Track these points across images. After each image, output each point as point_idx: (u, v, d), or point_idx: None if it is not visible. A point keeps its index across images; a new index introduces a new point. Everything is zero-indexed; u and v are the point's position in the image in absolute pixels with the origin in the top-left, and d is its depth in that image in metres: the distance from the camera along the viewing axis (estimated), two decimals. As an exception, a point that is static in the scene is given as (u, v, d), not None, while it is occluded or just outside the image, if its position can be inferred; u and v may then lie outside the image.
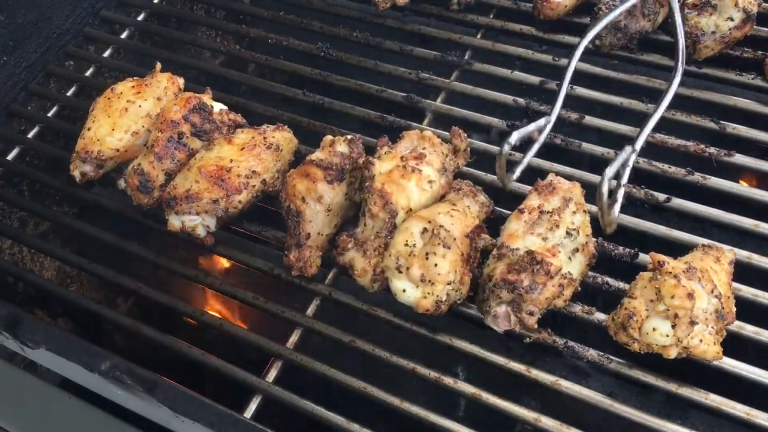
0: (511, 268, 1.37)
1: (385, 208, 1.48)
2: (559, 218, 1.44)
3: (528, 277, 1.35)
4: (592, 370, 1.64)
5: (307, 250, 1.53)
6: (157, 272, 1.67)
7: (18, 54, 2.07)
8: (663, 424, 1.33)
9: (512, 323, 1.38)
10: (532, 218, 1.45)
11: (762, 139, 1.72)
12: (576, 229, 1.44)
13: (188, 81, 1.92)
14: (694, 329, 1.28)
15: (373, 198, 1.49)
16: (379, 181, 1.51)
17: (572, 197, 1.50)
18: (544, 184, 1.53)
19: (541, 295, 1.36)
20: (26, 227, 2.13)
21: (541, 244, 1.41)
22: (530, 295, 1.35)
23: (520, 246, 1.41)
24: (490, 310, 1.40)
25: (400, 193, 1.51)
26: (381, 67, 2.00)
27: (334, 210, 1.57)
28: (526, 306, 1.36)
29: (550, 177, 1.56)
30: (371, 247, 1.49)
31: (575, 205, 1.48)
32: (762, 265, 1.51)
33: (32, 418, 1.58)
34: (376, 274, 1.48)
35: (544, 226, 1.44)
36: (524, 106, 1.84)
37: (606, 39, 1.87)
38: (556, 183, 1.53)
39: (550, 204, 1.48)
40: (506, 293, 1.37)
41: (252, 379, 1.45)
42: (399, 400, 1.40)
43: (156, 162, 1.66)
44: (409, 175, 1.53)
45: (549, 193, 1.50)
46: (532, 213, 1.46)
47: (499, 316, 1.39)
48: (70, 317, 2.26)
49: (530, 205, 1.48)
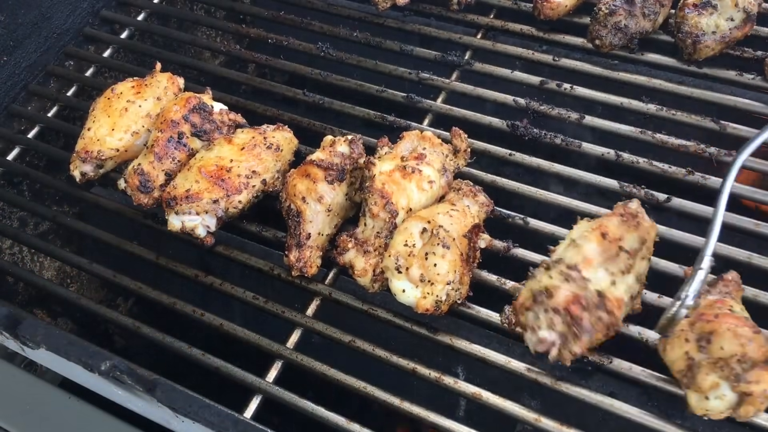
0: (577, 300, 1.27)
1: (385, 208, 1.48)
2: (633, 263, 1.35)
3: (591, 318, 1.27)
4: (592, 370, 1.64)
5: (307, 250, 1.53)
6: (157, 272, 1.67)
7: (18, 54, 2.07)
8: (663, 424, 1.32)
9: (552, 354, 1.31)
10: (611, 251, 1.34)
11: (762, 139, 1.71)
12: (641, 280, 1.38)
13: (188, 81, 1.92)
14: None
15: (374, 198, 1.49)
16: (379, 181, 1.51)
17: (647, 239, 1.40)
18: (630, 213, 1.41)
19: (590, 339, 1.29)
20: (26, 227, 2.14)
21: (611, 287, 1.31)
22: (583, 338, 1.27)
23: (592, 278, 1.31)
24: (536, 330, 1.31)
25: (401, 193, 1.51)
26: (381, 67, 2.00)
27: (334, 210, 1.57)
28: (574, 346, 1.28)
29: (635, 205, 1.43)
30: (371, 247, 1.49)
31: (647, 249, 1.40)
32: (762, 265, 1.51)
33: (32, 418, 1.58)
34: (376, 274, 1.48)
35: (618, 267, 1.33)
36: (524, 106, 1.84)
37: (606, 39, 1.87)
38: (641, 218, 1.41)
39: (629, 241, 1.37)
40: (561, 323, 1.28)
41: (252, 379, 1.45)
42: (399, 400, 1.40)
43: (156, 162, 1.66)
44: (409, 175, 1.53)
45: (633, 227, 1.39)
46: (611, 244, 1.35)
47: (545, 342, 1.31)
48: (70, 317, 2.27)
49: (613, 234, 1.36)
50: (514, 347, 1.55)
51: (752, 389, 1.18)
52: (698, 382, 1.23)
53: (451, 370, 1.81)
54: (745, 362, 1.19)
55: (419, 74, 1.95)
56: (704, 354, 1.23)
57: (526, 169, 1.74)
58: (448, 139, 1.70)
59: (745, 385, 1.19)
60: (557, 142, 1.75)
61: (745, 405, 1.20)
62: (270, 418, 1.43)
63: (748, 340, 1.20)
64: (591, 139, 1.77)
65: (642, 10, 1.85)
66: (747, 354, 1.19)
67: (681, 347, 1.27)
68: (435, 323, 1.48)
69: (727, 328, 1.21)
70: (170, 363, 1.54)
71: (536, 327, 1.31)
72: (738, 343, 1.20)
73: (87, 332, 2.28)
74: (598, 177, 1.69)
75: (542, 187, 1.68)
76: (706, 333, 1.23)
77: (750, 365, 1.19)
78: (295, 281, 1.58)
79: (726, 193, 1.44)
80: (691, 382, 1.24)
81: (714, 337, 1.22)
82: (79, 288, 2.34)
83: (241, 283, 1.62)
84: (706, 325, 1.24)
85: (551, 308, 1.28)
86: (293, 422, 1.45)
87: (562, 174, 1.70)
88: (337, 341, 1.50)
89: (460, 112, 1.85)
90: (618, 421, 1.35)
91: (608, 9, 1.85)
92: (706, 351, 1.23)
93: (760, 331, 1.22)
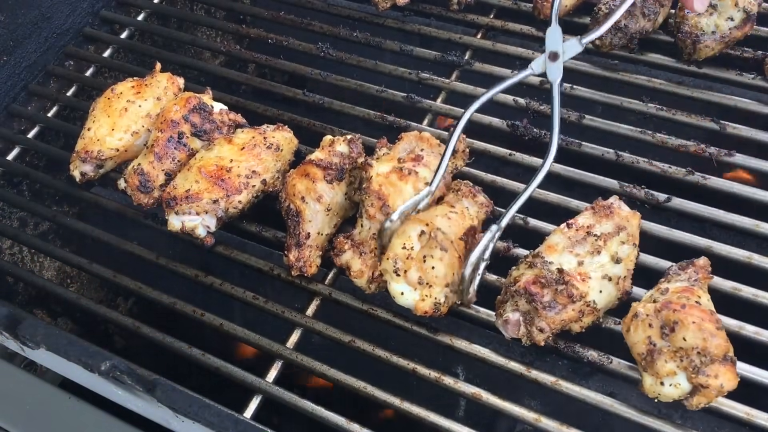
0: (536, 280, 1.34)
1: (381, 210, 1.48)
2: (603, 244, 1.40)
3: (550, 294, 1.33)
4: (592, 370, 1.64)
5: (306, 250, 1.53)
6: (157, 272, 1.67)
7: (18, 54, 2.07)
8: (663, 425, 1.32)
9: (520, 333, 1.37)
10: (577, 236, 1.41)
11: (762, 139, 1.72)
12: (618, 260, 1.40)
13: (188, 81, 1.92)
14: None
15: (370, 199, 1.49)
16: (376, 182, 1.51)
17: (627, 227, 1.44)
18: (602, 206, 1.47)
19: (557, 316, 1.34)
20: (26, 227, 2.14)
21: (576, 266, 1.38)
22: (546, 312, 1.33)
23: (555, 261, 1.38)
24: (503, 314, 1.39)
25: (397, 195, 1.51)
26: (381, 67, 2.00)
27: (333, 209, 1.57)
28: (538, 321, 1.34)
29: (612, 199, 1.50)
30: (368, 248, 1.49)
31: (627, 235, 1.43)
32: (762, 265, 1.51)
33: (32, 418, 1.58)
34: (373, 275, 1.48)
35: (585, 248, 1.40)
36: (524, 106, 1.84)
37: (606, 39, 1.87)
38: (615, 208, 1.47)
39: (601, 227, 1.43)
40: (524, 302, 1.35)
41: (252, 379, 1.45)
42: (399, 400, 1.40)
43: (156, 162, 1.66)
44: (405, 177, 1.53)
45: (605, 216, 1.45)
46: (578, 231, 1.42)
47: (510, 322, 1.38)
48: (70, 317, 2.27)
49: (580, 223, 1.44)
50: (514, 347, 1.55)
51: (709, 383, 1.22)
52: (656, 367, 1.27)
53: (451, 370, 1.81)
54: (705, 356, 1.22)
55: (419, 74, 1.95)
56: (666, 341, 1.27)
57: (526, 169, 1.74)
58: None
59: (702, 378, 1.22)
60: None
61: (699, 396, 1.24)
62: (270, 418, 1.43)
63: (711, 335, 1.23)
64: (591, 139, 1.77)
65: (642, 10, 1.85)
66: (708, 348, 1.22)
67: (644, 331, 1.30)
68: (435, 323, 1.48)
69: (693, 320, 1.24)
70: (170, 363, 1.54)
71: (503, 312, 1.38)
72: (701, 337, 1.23)
73: (87, 332, 2.28)
74: (598, 177, 1.69)
75: (542, 187, 1.68)
76: (671, 322, 1.26)
77: (709, 360, 1.22)
78: (295, 281, 1.58)
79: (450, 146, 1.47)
80: (649, 366, 1.28)
81: (678, 327, 1.25)
82: (79, 288, 2.34)
83: (241, 283, 1.62)
84: (672, 315, 1.27)
85: (515, 292, 1.36)
86: (293, 422, 1.45)
87: (562, 174, 1.70)
88: (337, 341, 1.50)
89: (460, 111, 1.85)
90: (618, 421, 1.35)
91: (608, 9, 1.85)
92: (668, 339, 1.26)
93: (723, 328, 1.25)
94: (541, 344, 1.37)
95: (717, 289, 1.48)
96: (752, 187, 1.64)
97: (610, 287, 1.39)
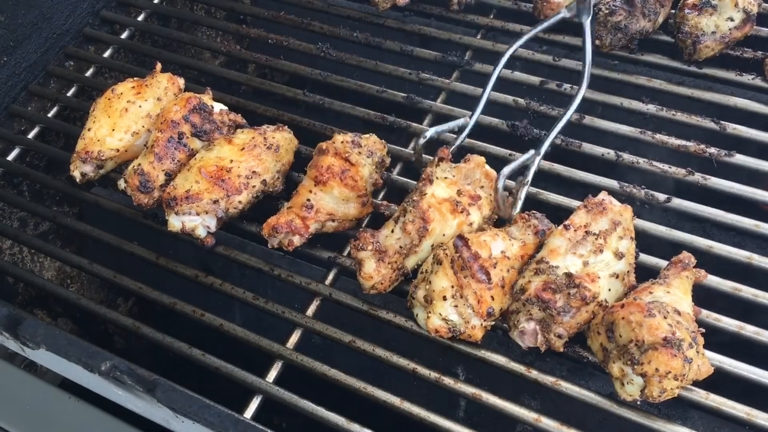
0: (547, 286, 1.34)
1: (419, 231, 1.46)
2: (604, 242, 1.40)
3: (563, 298, 1.32)
4: (592, 370, 1.64)
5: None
6: (157, 272, 1.67)
7: (18, 54, 2.07)
8: (663, 424, 1.33)
9: (538, 342, 1.36)
10: (577, 237, 1.41)
11: (762, 139, 1.72)
12: (620, 255, 1.40)
13: (188, 81, 1.92)
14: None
15: (413, 216, 1.47)
16: (426, 203, 1.48)
17: (621, 221, 1.44)
18: (594, 202, 1.47)
19: (573, 319, 1.33)
20: (26, 227, 2.14)
21: (581, 267, 1.37)
22: (561, 318, 1.32)
23: (561, 264, 1.37)
24: (518, 325, 1.37)
25: (439, 224, 1.48)
26: (381, 67, 2.00)
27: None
28: (555, 328, 1.33)
29: (602, 195, 1.50)
30: (388, 258, 1.47)
31: (623, 230, 1.43)
32: (762, 265, 1.51)
33: (32, 418, 1.58)
34: (379, 283, 1.47)
35: (587, 248, 1.39)
36: (524, 106, 1.84)
37: (606, 39, 1.87)
38: (606, 203, 1.47)
39: (598, 225, 1.43)
40: (538, 311, 1.34)
41: (252, 379, 1.45)
42: (399, 400, 1.40)
43: (156, 162, 1.66)
44: (457, 213, 1.49)
45: (598, 212, 1.45)
46: (577, 231, 1.42)
47: (527, 333, 1.37)
48: (70, 317, 2.27)
49: (577, 223, 1.43)
50: (514, 347, 1.55)
51: (645, 370, 1.23)
52: (613, 370, 1.29)
53: (451, 370, 1.81)
54: (640, 346, 1.24)
55: (419, 74, 1.95)
56: (613, 343, 1.29)
57: (526, 169, 1.74)
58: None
59: (639, 367, 1.24)
60: (557, 142, 1.75)
61: (648, 386, 1.25)
62: (270, 418, 1.43)
63: (638, 325, 1.24)
64: (591, 139, 1.77)
65: (642, 10, 1.85)
66: (639, 338, 1.24)
67: (597, 339, 1.33)
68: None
69: (622, 316, 1.27)
70: (170, 363, 1.54)
71: (517, 323, 1.37)
72: (630, 329, 1.25)
73: (87, 332, 2.28)
74: (598, 177, 1.69)
75: (542, 187, 1.68)
76: (610, 323, 1.29)
77: (646, 348, 1.23)
78: (296, 281, 1.58)
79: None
80: (609, 370, 1.31)
81: (615, 326, 1.28)
82: (79, 288, 2.34)
83: (241, 283, 1.62)
84: (610, 317, 1.29)
85: (526, 301, 1.35)
86: (293, 422, 1.45)
87: (563, 174, 1.70)
88: (337, 341, 1.50)
89: (461, 112, 1.85)
90: (618, 421, 1.35)
91: (608, 9, 1.85)
92: (613, 340, 1.29)
93: (654, 315, 1.25)
94: (561, 350, 1.36)
95: (717, 289, 1.48)
96: (752, 187, 1.65)
97: (618, 284, 1.40)
